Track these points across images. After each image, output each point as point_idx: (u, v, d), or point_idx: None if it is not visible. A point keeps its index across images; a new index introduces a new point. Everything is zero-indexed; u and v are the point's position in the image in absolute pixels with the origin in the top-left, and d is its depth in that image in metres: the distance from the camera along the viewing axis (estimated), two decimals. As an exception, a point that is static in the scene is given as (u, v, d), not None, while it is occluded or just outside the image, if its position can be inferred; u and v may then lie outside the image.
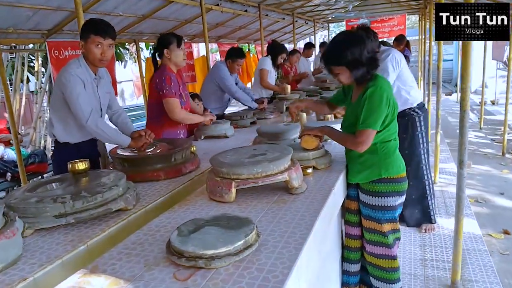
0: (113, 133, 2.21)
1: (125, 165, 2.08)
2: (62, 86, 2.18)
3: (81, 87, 2.18)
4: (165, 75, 2.73)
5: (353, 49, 1.78)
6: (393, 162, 1.88)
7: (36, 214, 1.41)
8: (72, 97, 2.15)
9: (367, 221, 1.93)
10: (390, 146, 1.88)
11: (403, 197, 1.91)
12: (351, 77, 1.83)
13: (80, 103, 2.15)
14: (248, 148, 1.86)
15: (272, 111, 4.03)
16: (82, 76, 2.20)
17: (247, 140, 2.93)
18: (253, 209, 1.51)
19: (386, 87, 1.80)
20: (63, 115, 2.28)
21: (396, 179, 1.87)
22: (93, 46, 2.17)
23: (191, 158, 2.22)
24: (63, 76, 2.17)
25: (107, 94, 2.42)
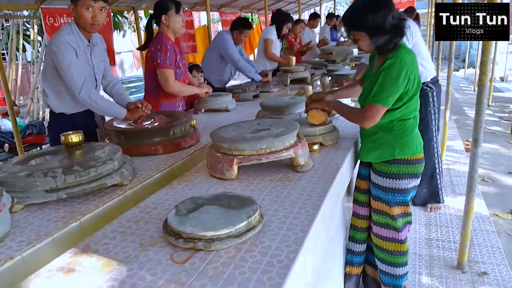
0: (108, 105, 2.11)
1: (122, 138, 1.99)
2: (52, 54, 2.05)
3: (72, 56, 2.05)
4: (161, 44, 2.59)
5: (376, 14, 1.62)
6: (409, 142, 1.75)
7: (25, 188, 1.33)
8: (63, 66, 2.03)
9: (376, 202, 1.84)
10: (408, 125, 1.75)
11: (418, 180, 1.80)
12: (372, 45, 1.69)
13: (71, 73, 2.04)
14: (251, 123, 1.76)
15: (275, 84, 3.90)
16: (74, 44, 2.07)
17: (249, 114, 2.82)
18: (255, 187, 1.42)
19: (408, 60, 1.65)
20: (55, 84, 2.17)
21: (411, 161, 1.76)
22: (83, 9, 2.03)
23: (190, 132, 2.12)
24: (53, 43, 2.04)
25: (101, 62, 2.30)
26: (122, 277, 0.94)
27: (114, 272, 0.96)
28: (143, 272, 0.95)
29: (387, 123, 1.75)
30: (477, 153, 2.23)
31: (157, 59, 2.57)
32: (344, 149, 1.82)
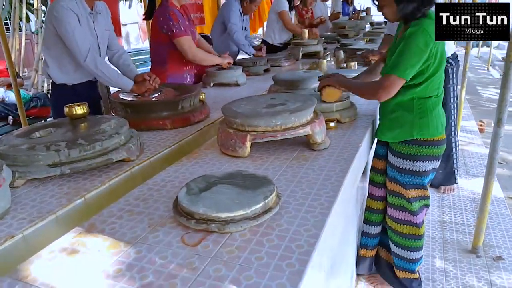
0: (114, 75, 2.01)
1: (128, 111, 1.90)
2: (54, 21, 1.94)
3: (75, 22, 1.95)
4: (169, 12, 2.46)
5: None
6: (430, 122, 1.64)
7: (27, 162, 1.25)
8: (67, 32, 1.93)
9: (391, 184, 1.76)
10: (429, 104, 1.63)
11: (437, 162, 1.70)
12: (398, 12, 1.56)
13: (76, 39, 1.94)
14: (265, 97, 1.66)
15: (286, 58, 3.75)
16: (76, 10, 1.96)
17: (260, 89, 2.71)
18: (270, 166, 1.33)
19: (432, 30, 1.50)
20: (57, 53, 2.07)
21: (431, 142, 1.65)
22: None
23: (200, 107, 2.02)
24: (55, 9, 1.93)
25: (106, 31, 2.18)
26: (129, 259, 0.87)
27: (121, 254, 0.89)
28: (152, 255, 0.88)
29: (407, 101, 1.64)
30: (500, 133, 2.12)
31: (171, 28, 2.45)
32: (362, 127, 1.72)
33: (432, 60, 1.55)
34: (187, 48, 2.52)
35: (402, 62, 1.51)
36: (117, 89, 2.11)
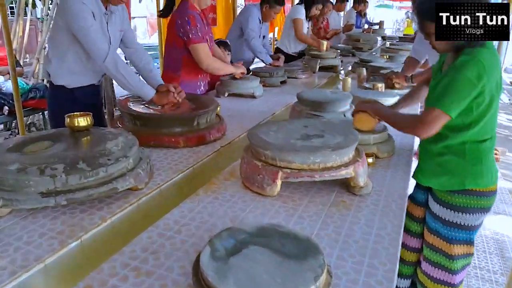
0: (136, 81, 1.78)
1: (137, 123, 1.68)
2: (68, 15, 1.71)
3: (92, 18, 1.72)
4: (189, 15, 2.26)
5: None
6: (485, 170, 1.42)
7: (16, 188, 1.04)
8: (84, 29, 1.70)
9: (432, 236, 1.53)
10: (484, 148, 1.41)
11: (487, 215, 1.48)
12: (448, 42, 1.36)
13: (94, 37, 1.71)
14: (296, 123, 1.44)
15: (303, 70, 3.56)
16: (91, 6, 1.74)
17: (277, 103, 2.51)
18: (304, 212, 1.12)
19: (487, 61, 1.29)
20: (63, 50, 1.84)
21: (484, 192, 1.43)
22: None
23: (216, 123, 1.82)
24: (68, 3, 1.70)
25: (119, 32, 1.96)
26: None
27: None
28: None
29: (458, 144, 1.42)
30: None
31: (187, 33, 2.25)
32: (403, 166, 1.51)
33: (484, 97, 1.33)
34: (202, 56, 2.32)
35: (448, 96, 1.31)
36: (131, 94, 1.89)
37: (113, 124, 1.75)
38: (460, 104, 1.30)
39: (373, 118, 1.53)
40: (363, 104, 1.56)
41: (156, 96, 1.80)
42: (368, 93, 2.32)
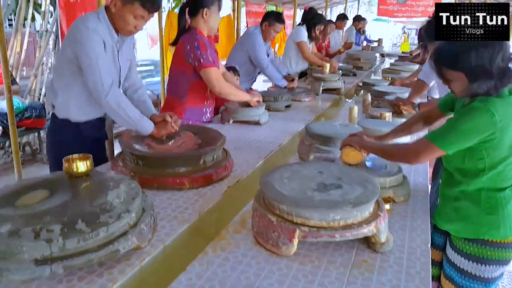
0: (136, 117, 1.69)
1: (140, 163, 1.59)
2: (75, 44, 1.64)
3: (101, 48, 1.64)
4: (198, 40, 2.20)
5: (483, 51, 1.23)
6: (502, 220, 1.34)
7: (6, 254, 0.94)
8: (88, 59, 1.61)
9: (448, 283, 1.45)
10: (501, 198, 1.34)
11: (506, 267, 1.40)
12: (468, 90, 1.29)
13: (100, 69, 1.62)
14: (311, 168, 1.35)
15: (307, 93, 3.49)
16: (103, 34, 1.67)
17: (283, 131, 2.43)
18: (325, 277, 1.02)
19: (501, 111, 1.23)
20: (68, 82, 1.76)
21: (501, 244, 1.35)
22: (131, 15, 1.66)
23: (223, 160, 1.73)
24: (78, 31, 1.63)
25: (127, 61, 1.89)
26: None
27: None
28: None
29: (473, 191, 1.36)
30: None
31: (198, 58, 2.19)
32: (422, 212, 1.42)
33: (496, 145, 1.28)
34: (214, 80, 2.25)
35: (450, 135, 1.27)
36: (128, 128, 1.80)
37: (114, 163, 1.65)
38: (459, 146, 1.28)
39: (360, 153, 1.51)
40: (350, 139, 1.55)
41: (155, 130, 1.72)
42: (376, 123, 2.25)
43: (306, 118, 2.80)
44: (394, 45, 20.30)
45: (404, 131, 1.72)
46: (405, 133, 1.72)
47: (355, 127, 2.01)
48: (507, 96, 1.30)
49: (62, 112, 1.82)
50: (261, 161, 1.92)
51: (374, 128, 2.15)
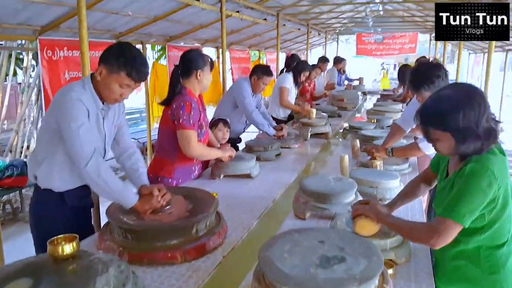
0: (119, 188, 1.61)
1: (128, 236, 1.50)
2: (58, 114, 1.60)
3: (85, 118, 1.61)
4: (185, 101, 2.20)
5: (469, 113, 1.24)
6: (504, 279, 1.31)
7: None
8: (70, 129, 1.57)
9: None
10: (500, 255, 1.32)
11: None
12: (455, 149, 1.30)
13: (80, 139, 1.57)
14: (311, 237, 1.29)
15: (295, 140, 3.50)
16: (87, 104, 1.63)
17: (276, 184, 2.39)
18: None
19: (496, 167, 1.25)
20: (51, 152, 1.71)
21: None
22: (117, 84, 1.63)
23: (216, 225, 1.65)
24: (63, 100, 1.60)
25: (114, 127, 1.85)
26: None
27: None
28: None
29: (472, 250, 1.34)
30: None
31: (179, 118, 2.18)
32: (425, 275, 1.37)
33: (496, 202, 1.28)
34: (186, 142, 2.22)
35: (461, 206, 1.25)
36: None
37: (101, 236, 1.56)
38: (473, 214, 1.25)
39: (375, 223, 1.44)
40: (363, 208, 1.48)
41: (138, 203, 1.62)
42: (368, 173, 2.23)
43: (297, 167, 2.77)
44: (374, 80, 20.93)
45: (410, 196, 1.68)
46: (411, 199, 1.69)
47: (349, 181, 1.97)
48: (497, 153, 1.31)
49: (44, 182, 1.74)
50: (255, 222, 1.86)
51: (367, 179, 2.13)
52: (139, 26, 4.33)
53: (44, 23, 3.41)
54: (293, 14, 7.20)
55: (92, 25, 3.82)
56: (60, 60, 3.52)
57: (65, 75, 3.60)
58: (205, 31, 5.62)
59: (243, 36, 7.17)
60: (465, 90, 1.31)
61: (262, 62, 9.39)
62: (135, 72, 1.60)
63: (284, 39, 9.08)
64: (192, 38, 5.91)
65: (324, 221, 1.80)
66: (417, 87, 2.25)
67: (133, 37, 4.67)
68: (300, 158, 3.05)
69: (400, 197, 1.68)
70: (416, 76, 2.29)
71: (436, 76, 2.20)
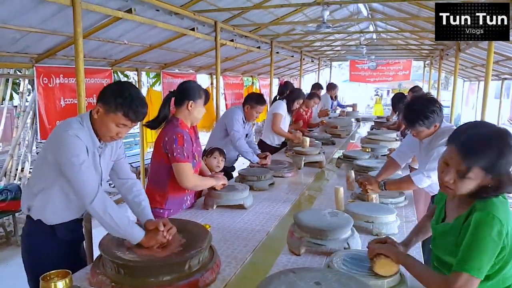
0: (125, 224, 1.59)
1: (121, 271, 1.48)
2: (57, 151, 1.60)
3: (84, 155, 1.61)
4: (177, 134, 2.21)
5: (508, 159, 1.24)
6: None
7: None
8: (74, 167, 1.57)
9: None
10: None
11: None
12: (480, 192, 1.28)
13: (84, 175, 1.57)
14: (307, 279, 1.28)
15: (289, 168, 3.49)
16: (85, 141, 1.64)
17: (269, 215, 2.38)
18: None
19: (502, 213, 1.25)
20: (46, 186, 1.71)
21: None
22: (113, 123, 1.65)
23: (209, 261, 1.63)
24: (60, 138, 1.60)
25: (110, 162, 1.85)
26: None
27: None
28: None
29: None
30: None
31: (173, 151, 2.19)
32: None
33: (506, 251, 1.27)
34: (183, 175, 2.24)
35: (476, 258, 1.23)
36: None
37: (94, 270, 1.53)
38: (488, 265, 1.23)
39: (395, 264, 1.43)
40: (383, 247, 1.46)
41: (144, 239, 1.61)
42: (363, 207, 2.22)
43: (291, 198, 2.76)
44: (367, 106, 21.17)
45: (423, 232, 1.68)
46: (424, 235, 1.69)
47: (345, 216, 1.96)
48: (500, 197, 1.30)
49: (37, 214, 1.73)
50: (249, 256, 1.83)
51: (361, 213, 2.12)
52: (135, 54, 4.39)
53: (41, 51, 3.45)
54: (286, 42, 7.36)
55: (88, 53, 3.87)
56: (56, 87, 3.54)
57: (61, 102, 3.61)
58: (199, 58, 5.70)
59: (237, 63, 7.29)
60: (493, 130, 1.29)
61: (255, 88, 9.50)
62: (132, 113, 1.62)
63: (277, 66, 9.24)
64: (187, 65, 6.00)
65: (320, 257, 1.78)
66: (412, 123, 2.27)
67: (128, 64, 4.73)
68: (294, 188, 3.04)
69: (414, 234, 1.68)
70: (411, 112, 2.31)
71: (431, 111, 2.23)
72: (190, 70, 6.30)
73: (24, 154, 4.86)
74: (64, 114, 3.58)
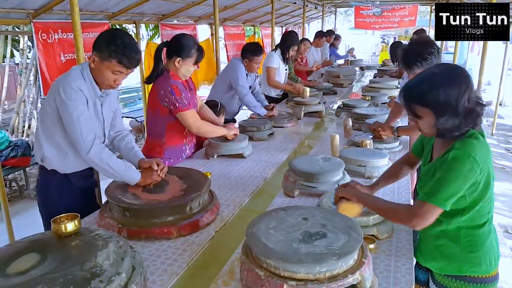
0: (121, 169, 1.72)
1: (127, 214, 1.61)
2: (59, 102, 1.68)
3: (84, 107, 1.69)
4: (171, 85, 2.26)
5: (450, 89, 1.28)
6: (482, 257, 1.39)
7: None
8: (71, 118, 1.66)
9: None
10: (480, 234, 1.39)
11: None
12: (434, 126, 1.34)
13: (81, 127, 1.67)
14: (295, 214, 1.38)
15: (289, 119, 3.55)
16: (86, 92, 1.71)
17: (268, 163, 2.48)
18: (314, 329, 1.06)
19: (479, 154, 1.29)
20: (56, 136, 1.79)
21: (484, 279, 1.40)
22: (109, 71, 1.69)
23: (209, 204, 1.76)
24: (62, 89, 1.66)
25: (111, 113, 1.93)
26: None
27: None
28: None
29: (453, 230, 1.41)
30: None
31: (174, 103, 2.25)
32: (405, 250, 1.47)
33: (477, 186, 1.33)
34: (191, 122, 2.33)
35: (442, 190, 1.30)
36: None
37: (102, 214, 1.67)
38: (453, 197, 1.30)
39: (358, 205, 1.51)
40: (345, 191, 1.55)
41: (141, 180, 1.76)
42: (358, 152, 2.31)
43: (289, 146, 2.85)
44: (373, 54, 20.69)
45: (393, 178, 1.75)
46: (394, 180, 1.76)
47: (337, 161, 2.06)
48: (480, 138, 1.35)
49: (51, 164, 1.84)
50: (247, 199, 1.96)
51: (355, 158, 2.21)
52: (132, 6, 4.31)
53: (37, 6, 3.41)
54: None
55: (84, 6, 3.81)
56: (55, 43, 3.54)
57: (61, 57, 3.63)
58: (198, 7, 5.57)
59: (237, 12, 7.09)
60: (449, 69, 1.34)
61: (257, 37, 9.30)
62: (126, 59, 1.66)
63: (279, 13, 8.96)
64: (186, 16, 5.87)
65: (313, 199, 1.90)
66: (409, 65, 2.25)
67: (126, 17, 4.66)
68: (292, 137, 3.12)
69: (383, 178, 1.74)
70: (408, 54, 2.29)
71: (428, 52, 2.19)
72: (189, 21, 6.17)
73: (30, 111, 4.96)
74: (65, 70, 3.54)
